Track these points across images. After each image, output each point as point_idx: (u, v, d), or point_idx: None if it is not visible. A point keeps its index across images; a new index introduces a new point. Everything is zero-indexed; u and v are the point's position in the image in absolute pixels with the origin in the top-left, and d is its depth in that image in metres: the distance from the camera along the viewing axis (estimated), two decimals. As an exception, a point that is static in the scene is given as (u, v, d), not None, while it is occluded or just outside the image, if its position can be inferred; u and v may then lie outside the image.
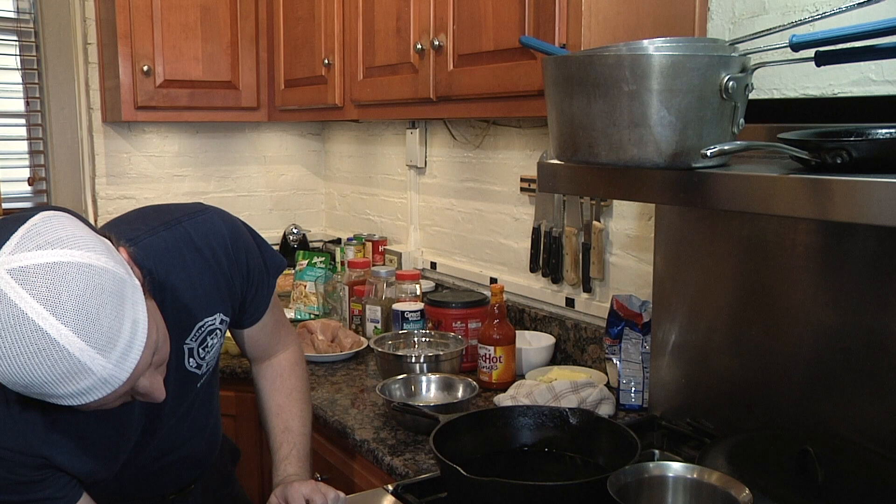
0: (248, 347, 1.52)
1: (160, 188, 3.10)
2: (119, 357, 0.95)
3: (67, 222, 0.98)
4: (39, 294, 0.90)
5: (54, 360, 0.91)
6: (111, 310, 0.94)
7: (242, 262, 1.34)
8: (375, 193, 3.04)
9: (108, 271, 0.95)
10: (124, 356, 0.96)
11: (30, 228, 0.95)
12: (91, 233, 0.99)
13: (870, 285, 1.32)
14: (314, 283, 2.66)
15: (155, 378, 1.06)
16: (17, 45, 2.89)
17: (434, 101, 1.94)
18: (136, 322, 0.97)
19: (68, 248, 0.93)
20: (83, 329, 0.91)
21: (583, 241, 2.05)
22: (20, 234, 0.94)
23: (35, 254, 0.92)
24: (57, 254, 0.92)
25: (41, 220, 0.96)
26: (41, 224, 0.96)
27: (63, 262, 0.92)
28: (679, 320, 1.66)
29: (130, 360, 0.97)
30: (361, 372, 2.13)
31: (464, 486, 1.26)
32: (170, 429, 1.34)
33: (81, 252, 0.94)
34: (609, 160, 1.11)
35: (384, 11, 2.10)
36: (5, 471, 1.12)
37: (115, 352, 0.94)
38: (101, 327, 0.92)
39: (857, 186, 0.92)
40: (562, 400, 1.68)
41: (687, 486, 1.21)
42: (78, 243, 0.94)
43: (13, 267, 0.91)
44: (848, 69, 1.24)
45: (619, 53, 1.08)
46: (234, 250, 1.33)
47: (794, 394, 1.44)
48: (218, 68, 2.77)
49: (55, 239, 0.94)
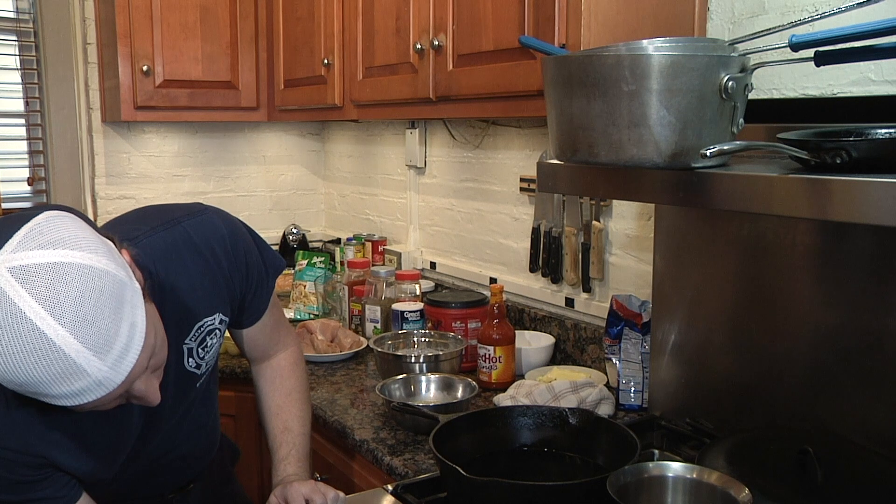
0: (248, 347, 1.52)
1: (160, 188, 3.10)
2: (115, 360, 0.95)
3: (70, 223, 0.98)
4: (38, 293, 0.90)
5: (50, 361, 0.91)
6: (109, 312, 0.94)
7: (242, 262, 1.34)
8: (375, 193, 3.04)
9: (109, 273, 0.95)
10: (120, 359, 0.95)
11: (32, 227, 0.95)
12: (94, 234, 0.99)
13: (869, 285, 1.32)
14: (314, 283, 2.66)
15: (151, 382, 1.05)
16: (16, 45, 2.89)
17: (434, 101, 1.94)
18: (134, 325, 0.97)
19: (70, 249, 0.93)
20: (80, 330, 0.91)
21: (582, 241, 2.05)
22: (23, 232, 0.94)
23: (36, 253, 0.92)
24: (58, 254, 0.92)
25: (44, 220, 0.96)
26: (44, 223, 0.96)
27: (64, 262, 0.92)
28: (679, 320, 1.66)
29: (126, 363, 0.96)
30: (361, 372, 2.13)
31: (463, 486, 1.26)
32: (169, 428, 1.34)
33: (83, 253, 0.94)
34: (609, 160, 1.11)
35: (384, 11, 2.10)
36: (5, 470, 1.12)
37: (111, 354, 0.94)
38: (98, 329, 0.92)
39: (857, 186, 0.92)
40: (561, 400, 1.68)
41: (686, 485, 1.21)
42: (80, 244, 0.94)
43: (14, 265, 0.91)
44: (847, 69, 1.24)
45: (618, 53, 1.08)
46: (234, 250, 1.33)
47: (793, 394, 1.44)
48: (217, 68, 2.77)
49: (57, 239, 0.94)
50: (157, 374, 1.08)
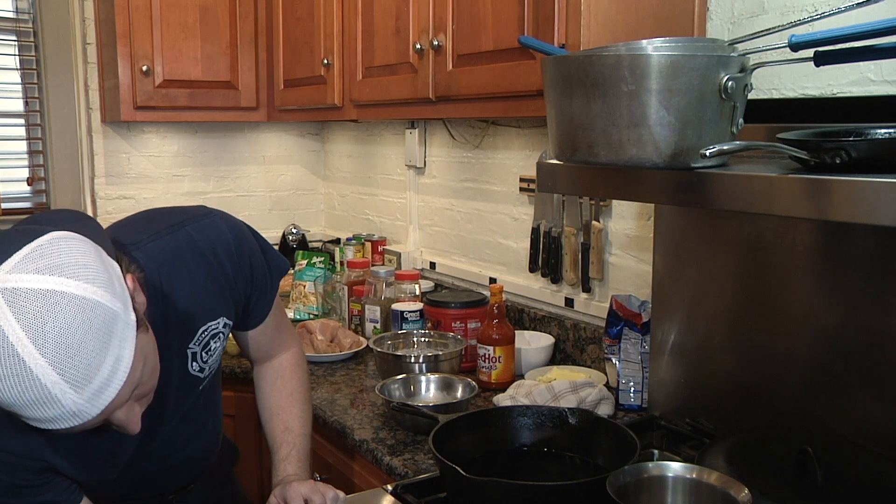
0: (250, 349, 1.52)
1: (159, 188, 3.09)
2: (92, 394, 0.94)
3: (75, 247, 0.97)
4: (25, 320, 0.90)
5: (25, 387, 0.91)
6: (94, 346, 0.93)
7: (246, 265, 1.34)
8: (375, 193, 3.04)
9: (101, 306, 0.94)
10: (98, 393, 0.95)
11: (34, 249, 0.94)
12: (97, 259, 0.98)
13: (869, 285, 1.32)
14: (313, 283, 2.66)
15: (133, 411, 1.04)
16: (16, 45, 2.89)
17: (433, 101, 1.94)
18: (119, 360, 0.96)
19: (66, 278, 0.93)
20: (60, 362, 0.91)
21: (582, 240, 2.05)
22: (23, 252, 0.94)
23: (32, 277, 0.92)
24: (53, 281, 0.92)
25: (48, 242, 0.96)
26: (47, 246, 0.95)
27: (56, 290, 0.91)
28: (678, 320, 1.66)
29: (105, 397, 0.96)
30: (361, 372, 2.13)
31: (463, 486, 1.26)
32: (172, 431, 1.34)
33: (78, 283, 0.93)
34: (608, 160, 1.11)
35: (383, 11, 2.10)
36: (6, 475, 1.12)
37: (88, 388, 0.93)
38: (79, 363, 0.92)
39: (856, 186, 0.92)
40: (561, 400, 1.68)
41: (686, 485, 1.21)
42: (78, 273, 0.94)
43: (7, 287, 0.91)
44: (847, 69, 1.24)
45: (618, 53, 1.08)
46: (238, 254, 1.32)
47: (793, 394, 1.44)
48: (217, 68, 2.77)
49: (56, 265, 0.93)
50: (142, 402, 1.07)
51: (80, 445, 1.17)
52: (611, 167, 1.17)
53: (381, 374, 1.98)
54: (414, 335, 2.08)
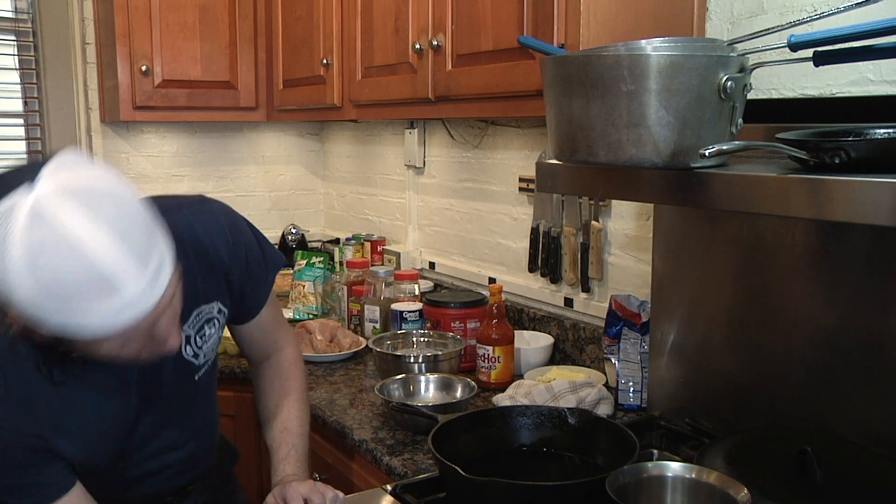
0: (247, 346, 1.53)
1: (159, 188, 3.09)
2: (151, 277, 0.99)
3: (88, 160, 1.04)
4: (81, 208, 0.94)
5: (90, 273, 0.94)
6: (145, 230, 1.00)
7: (242, 254, 1.37)
8: (374, 193, 3.04)
9: (138, 199, 1.03)
10: (155, 277, 1.00)
11: (63, 160, 0.99)
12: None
13: (869, 285, 1.32)
14: (313, 283, 2.66)
15: (173, 322, 1.09)
16: (15, 45, 2.89)
17: (433, 101, 1.94)
18: (164, 252, 1.03)
19: (103, 171, 1.00)
20: (120, 244, 0.95)
21: (581, 240, 2.05)
22: (55, 164, 0.98)
23: (77, 173, 0.97)
24: (97, 174, 0.98)
25: (65, 156, 1.00)
26: (68, 158, 1.00)
27: (99, 185, 0.98)
28: (678, 320, 1.66)
29: (160, 282, 1.01)
30: (360, 372, 2.13)
31: (463, 486, 1.26)
32: (169, 428, 1.34)
33: (114, 178, 1.01)
34: (608, 160, 1.11)
35: (383, 11, 2.10)
36: None
37: (147, 270, 0.98)
38: (137, 244, 0.97)
39: (856, 186, 0.92)
40: (560, 400, 1.68)
41: (686, 485, 1.21)
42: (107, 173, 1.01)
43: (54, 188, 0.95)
44: (846, 69, 1.24)
45: (617, 53, 1.08)
46: (234, 243, 1.35)
47: (793, 394, 1.44)
48: (217, 68, 2.77)
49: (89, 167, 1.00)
50: (176, 320, 1.11)
51: (76, 418, 1.18)
52: (610, 167, 1.17)
53: (380, 374, 1.98)
54: (413, 335, 2.08)
